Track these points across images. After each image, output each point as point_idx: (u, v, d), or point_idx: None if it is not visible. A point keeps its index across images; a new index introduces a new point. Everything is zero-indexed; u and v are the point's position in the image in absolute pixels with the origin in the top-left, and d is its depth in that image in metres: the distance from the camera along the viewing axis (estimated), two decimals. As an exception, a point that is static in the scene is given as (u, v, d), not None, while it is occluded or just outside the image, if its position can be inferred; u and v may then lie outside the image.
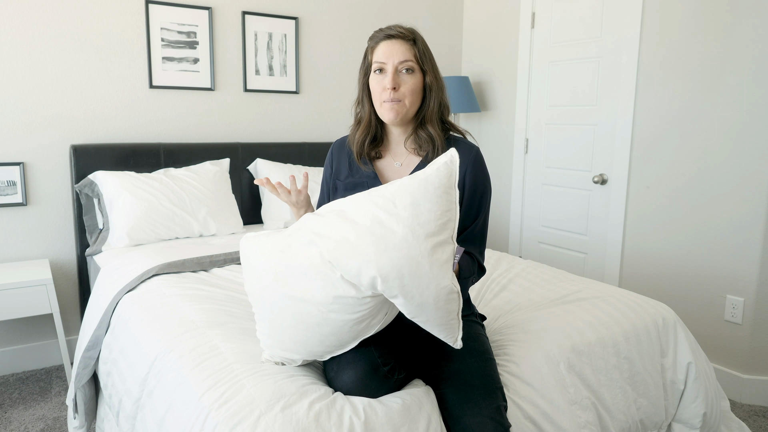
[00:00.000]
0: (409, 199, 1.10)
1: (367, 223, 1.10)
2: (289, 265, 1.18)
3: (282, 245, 1.21)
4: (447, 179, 1.11)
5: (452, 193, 1.12)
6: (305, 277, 1.16)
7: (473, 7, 3.70)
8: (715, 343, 2.54)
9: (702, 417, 1.69)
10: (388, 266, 1.06)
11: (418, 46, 1.39)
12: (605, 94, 2.92)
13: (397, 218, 1.08)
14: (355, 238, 1.09)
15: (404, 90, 1.37)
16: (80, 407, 1.86)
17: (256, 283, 1.25)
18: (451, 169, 1.12)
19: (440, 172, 1.11)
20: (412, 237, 1.07)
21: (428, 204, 1.09)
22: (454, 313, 1.12)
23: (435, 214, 1.09)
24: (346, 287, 1.12)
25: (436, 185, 1.10)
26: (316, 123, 3.31)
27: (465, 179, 1.41)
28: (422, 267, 1.06)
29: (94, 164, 2.60)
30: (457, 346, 1.15)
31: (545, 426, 1.36)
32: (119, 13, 2.69)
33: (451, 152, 1.14)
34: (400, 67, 1.37)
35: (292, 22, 3.15)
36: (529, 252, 3.44)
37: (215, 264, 2.13)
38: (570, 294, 1.88)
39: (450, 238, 1.11)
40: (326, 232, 1.14)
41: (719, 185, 2.47)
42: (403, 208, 1.09)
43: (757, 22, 2.30)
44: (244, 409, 1.14)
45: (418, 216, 1.08)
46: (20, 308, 2.30)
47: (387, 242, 1.07)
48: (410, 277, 1.06)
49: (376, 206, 1.12)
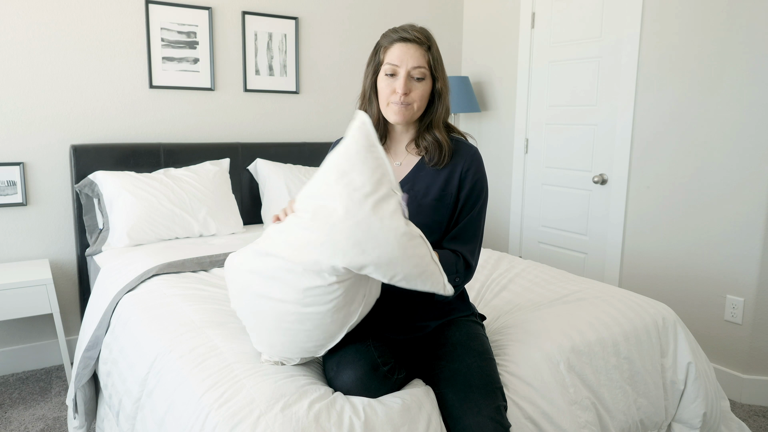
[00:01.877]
0: (337, 172, 1.14)
1: (309, 214, 1.14)
2: (259, 272, 1.22)
3: (251, 255, 1.26)
4: (365, 140, 1.15)
5: (375, 150, 1.15)
6: (274, 279, 1.19)
7: (473, 7, 3.70)
8: (715, 343, 2.54)
9: (702, 417, 1.69)
10: (342, 242, 1.09)
11: (433, 53, 1.38)
12: (605, 94, 2.92)
13: (333, 195, 1.12)
14: (305, 233, 1.13)
15: (414, 95, 1.37)
16: (80, 407, 1.86)
17: (237, 294, 1.30)
18: (365, 129, 1.16)
19: (357, 137, 1.15)
20: (352, 204, 1.09)
21: (356, 169, 1.12)
22: (426, 258, 1.13)
23: (366, 175, 1.12)
24: (311, 277, 1.15)
25: (357, 150, 1.14)
26: (316, 123, 3.31)
27: (464, 177, 1.41)
28: (373, 225, 1.09)
29: (94, 164, 2.60)
30: (447, 292, 1.16)
31: (545, 426, 1.36)
32: (119, 13, 2.69)
33: (359, 115, 1.18)
34: (413, 72, 1.36)
35: (292, 22, 3.15)
36: (529, 252, 3.44)
37: (215, 264, 2.13)
38: (570, 294, 1.88)
39: (390, 191, 1.13)
40: (280, 237, 1.18)
41: (719, 185, 2.47)
42: (335, 183, 1.13)
43: (757, 22, 2.30)
44: (244, 409, 1.14)
45: (351, 183, 1.12)
46: (20, 308, 2.30)
47: (333, 222, 1.10)
48: (366, 240, 1.09)
49: (313, 196, 1.16)
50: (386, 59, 1.38)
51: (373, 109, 1.44)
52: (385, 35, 1.41)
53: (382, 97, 1.40)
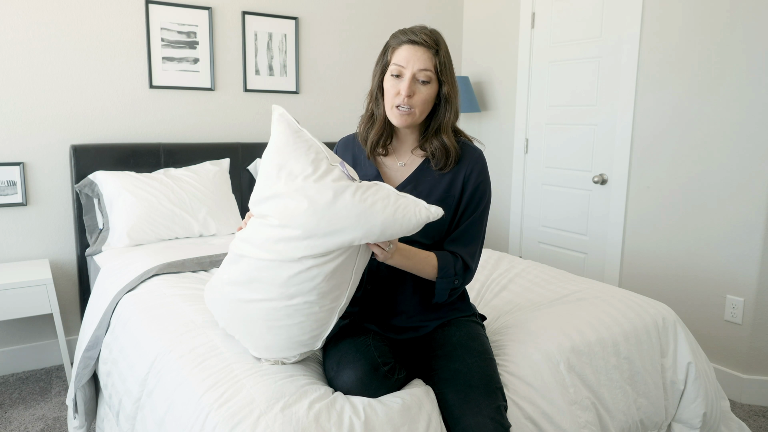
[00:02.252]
0: (276, 167, 1.20)
1: (274, 215, 1.18)
2: (237, 279, 1.25)
3: (224, 268, 1.30)
4: (287, 128, 1.21)
5: (302, 134, 1.21)
6: (253, 280, 1.22)
7: (473, 7, 3.70)
8: (715, 343, 2.54)
9: (702, 417, 1.69)
10: (313, 227, 1.14)
11: (440, 57, 1.36)
12: (605, 94, 2.92)
13: (282, 190, 1.17)
14: (276, 230, 1.17)
15: (417, 99, 1.35)
16: (80, 407, 1.86)
17: (222, 311, 1.33)
18: (285, 118, 1.22)
19: (280, 129, 1.21)
20: (301, 190, 1.15)
21: (291, 158, 1.19)
22: (392, 196, 1.18)
23: (302, 159, 1.18)
24: (288, 266, 1.18)
25: (284, 141, 1.20)
26: (316, 123, 3.31)
27: (468, 179, 1.41)
28: (327, 201, 1.14)
29: (94, 164, 2.60)
30: (434, 213, 1.18)
31: (545, 426, 1.36)
32: (119, 13, 2.69)
33: (276, 109, 1.24)
34: (418, 75, 1.34)
35: (292, 22, 3.15)
36: (529, 252, 3.44)
37: (215, 264, 2.13)
38: (570, 294, 1.88)
39: (328, 165, 1.19)
40: (250, 239, 1.23)
41: (719, 185, 2.47)
42: (277, 178, 1.19)
43: (757, 23, 2.30)
44: (244, 409, 1.14)
45: (292, 173, 1.18)
46: (20, 308, 2.30)
47: (296, 218, 1.15)
48: (331, 218, 1.14)
49: (265, 198, 1.21)
50: (393, 60, 1.37)
51: (379, 109, 1.43)
52: (395, 36, 1.39)
53: (387, 98, 1.39)
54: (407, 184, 1.43)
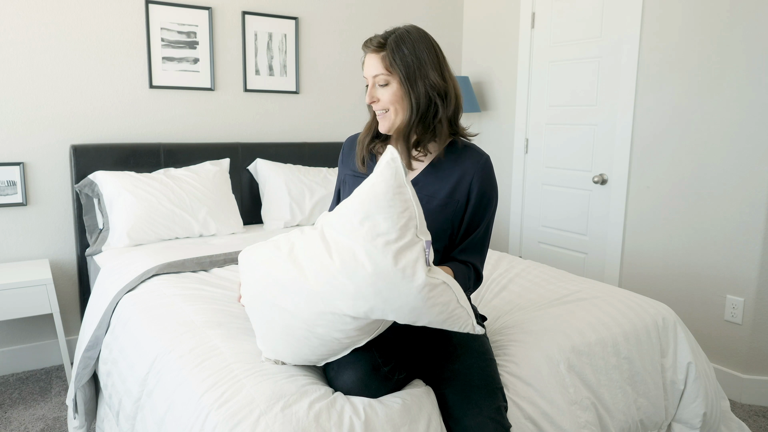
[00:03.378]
0: (362, 213, 1.10)
1: (338, 256, 1.11)
2: (277, 277, 1.20)
3: (269, 256, 1.23)
4: (393, 179, 1.10)
5: (404, 191, 1.10)
6: (289, 291, 1.18)
7: (473, 7, 3.70)
8: (715, 343, 2.54)
9: (702, 417, 1.69)
10: (364, 290, 1.08)
11: (388, 54, 1.33)
12: (605, 94, 2.92)
13: (358, 238, 1.09)
14: (331, 271, 1.11)
15: (384, 101, 1.37)
16: (80, 407, 1.86)
17: (250, 291, 1.28)
18: (394, 167, 1.11)
19: (385, 176, 1.10)
20: (375, 252, 1.07)
21: (383, 212, 1.09)
22: (452, 304, 1.11)
23: (392, 220, 1.08)
24: (327, 305, 1.14)
25: (384, 191, 1.09)
26: (316, 123, 3.31)
27: (471, 186, 1.40)
28: (395, 279, 1.06)
29: (94, 164, 2.60)
30: (478, 332, 1.15)
31: (545, 426, 1.36)
32: (119, 13, 2.69)
33: (389, 151, 1.13)
34: (375, 81, 1.36)
35: (292, 22, 3.15)
36: (529, 252, 3.44)
37: (215, 264, 2.13)
38: (570, 294, 1.88)
39: (414, 236, 1.10)
40: (305, 257, 1.16)
41: (719, 185, 2.47)
42: (360, 225, 1.10)
43: (757, 22, 2.30)
44: (244, 409, 1.14)
45: (376, 227, 1.08)
46: (20, 308, 2.30)
47: (359, 273, 1.08)
48: (388, 292, 1.07)
49: (340, 232, 1.13)
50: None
51: (372, 117, 1.48)
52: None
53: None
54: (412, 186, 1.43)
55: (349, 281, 1.09)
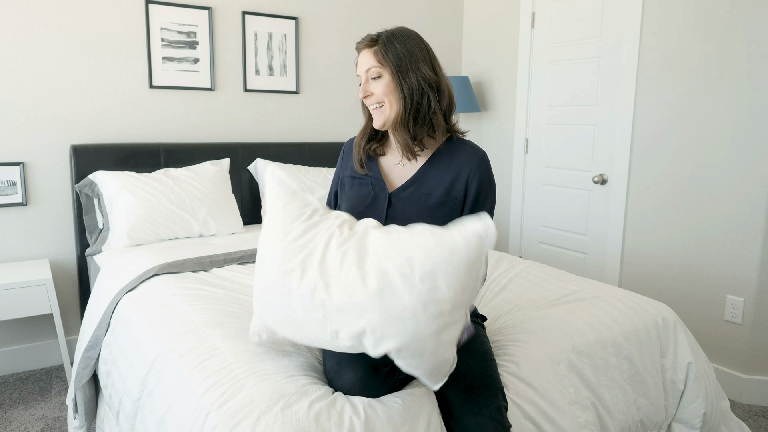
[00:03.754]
0: (429, 267, 1.01)
1: (377, 284, 1.04)
2: (291, 288, 1.15)
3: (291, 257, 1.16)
4: (477, 254, 1.02)
5: (479, 267, 1.03)
6: (306, 297, 1.14)
7: (473, 7, 3.70)
8: (715, 343, 2.54)
9: (702, 417, 1.69)
10: (392, 339, 1.04)
11: (380, 48, 1.37)
12: (605, 94, 2.92)
13: (411, 288, 1.01)
14: (363, 298, 1.05)
15: (377, 94, 1.39)
16: (80, 407, 1.86)
17: (261, 268, 1.23)
18: (483, 243, 1.02)
19: (470, 246, 1.01)
20: (423, 314, 1.01)
21: (449, 280, 1.00)
22: (448, 364, 1.11)
23: (454, 291, 1.01)
24: (342, 325, 1.11)
25: (463, 260, 1.00)
26: (316, 123, 3.31)
27: (469, 181, 1.40)
28: (427, 345, 1.03)
29: (94, 164, 2.60)
30: (434, 389, 1.14)
31: (545, 426, 1.36)
32: (119, 13, 2.69)
33: (485, 224, 1.04)
34: (369, 75, 1.39)
35: (292, 22, 3.15)
36: (529, 252, 3.44)
37: (215, 264, 2.13)
38: (570, 294, 1.88)
39: (463, 315, 1.05)
40: (335, 276, 1.09)
41: (719, 185, 2.47)
42: (420, 279, 1.01)
43: (757, 22, 2.30)
44: (244, 409, 1.14)
45: (435, 291, 1.00)
46: (20, 308, 2.30)
47: (395, 313, 1.02)
48: (413, 350, 1.05)
49: (393, 264, 1.04)
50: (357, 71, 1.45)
51: (365, 118, 1.50)
52: None
53: (368, 107, 1.46)
54: (409, 185, 1.43)
55: (383, 321, 1.04)
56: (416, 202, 1.40)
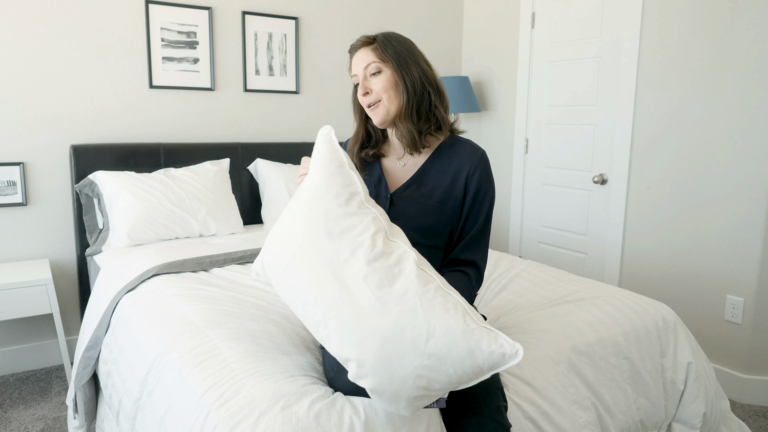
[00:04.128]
0: (442, 352, 1.01)
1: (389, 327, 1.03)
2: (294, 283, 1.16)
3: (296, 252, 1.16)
4: (490, 368, 1.01)
5: (485, 376, 1.03)
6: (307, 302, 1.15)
7: (473, 7, 3.70)
8: (715, 343, 2.54)
9: (702, 417, 1.69)
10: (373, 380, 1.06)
11: (379, 45, 1.38)
12: (605, 94, 2.92)
13: (415, 357, 1.02)
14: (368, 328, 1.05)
15: (377, 90, 1.38)
16: (80, 407, 1.86)
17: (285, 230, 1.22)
18: (503, 362, 1.01)
19: (491, 359, 1.00)
20: (412, 383, 1.03)
21: (452, 371, 1.01)
22: (408, 412, 1.10)
23: (449, 381, 1.02)
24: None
25: (476, 366, 1.01)
26: (316, 123, 3.31)
27: (468, 180, 1.40)
28: (400, 402, 1.06)
29: (94, 164, 2.60)
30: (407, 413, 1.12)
31: (545, 426, 1.36)
32: (119, 13, 2.69)
33: (514, 347, 1.02)
34: (367, 72, 1.39)
35: (292, 22, 3.15)
36: (529, 252, 3.44)
37: (215, 264, 2.13)
38: (570, 294, 1.88)
39: (445, 394, 1.08)
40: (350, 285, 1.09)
41: (719, 185, 2.47)
42: (428, 355, 1.02)
43: (757, 22, 2.30)
44: (244, 409, 1.14)
45: (434, 372, 1.02)
46: (20, 308, 2.30)
47: (389, 366, 1.03)
48: (386, 398, 1.07)
49: (412, 325, 1.03)
50: (351, 74, 1.44)
51: (357, 122, 1.49)
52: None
53: (363, 107, 1.45)
54: (410, 185, 1.43)
55: (374, 355, 1.04)
56: (417, 201, 1.40)
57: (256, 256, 2.21)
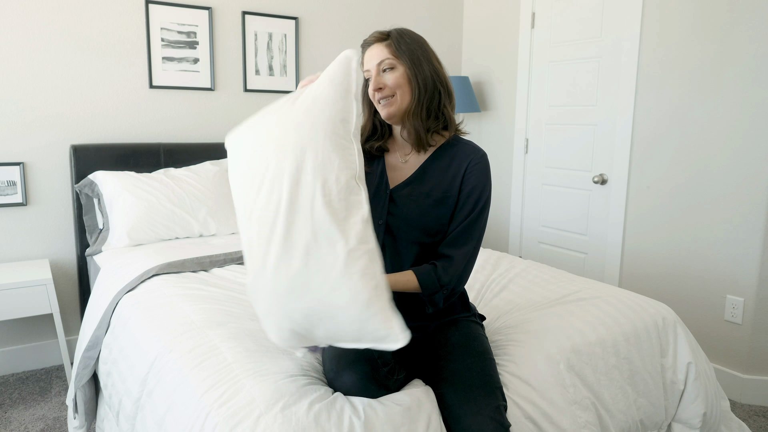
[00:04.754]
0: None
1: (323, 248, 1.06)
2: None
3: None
4: (344, 76, 1.14)
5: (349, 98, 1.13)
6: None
7: (473, 7, 3.70)
8: (715, 343, 2.54)
9: (702, 417, 1.69)
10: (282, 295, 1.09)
11: (393, 42, 1.39)
12: (605, 94, 2.92)
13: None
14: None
15: (390, 85, 1.38)
16: (80, 407, 1.86)
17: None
18: (349, 58, 1.16)
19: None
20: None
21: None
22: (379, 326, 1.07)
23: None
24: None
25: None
26: (316, 123, 3.31)
27: (465, 179, 1.40)
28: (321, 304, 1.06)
29: (94, 164, 2.60)
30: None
31: (545, 426, 1.36)
32: (119, 13, 2.69)
33: (347, 53, 1.16)
34: (380, 68, 1.39)
35: (292, 22, 3.15)
36: (529, 252, 3.44)
37: (215, 264, 2.13)
38: (570, 294, 1.88)
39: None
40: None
41: (719, 185, 2.47)
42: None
43: (757, 22, 2.30)
44: (244, 409, 1.14)
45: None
46: (20, 308, 2.30)
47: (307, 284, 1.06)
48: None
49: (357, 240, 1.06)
50: (363, 69, 1.43)
51: (365, 118, 1.48)
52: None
53: (373, 102, 1.44)
54: (410, 182, 1.43)
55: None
56: (415, 200, 1.40)
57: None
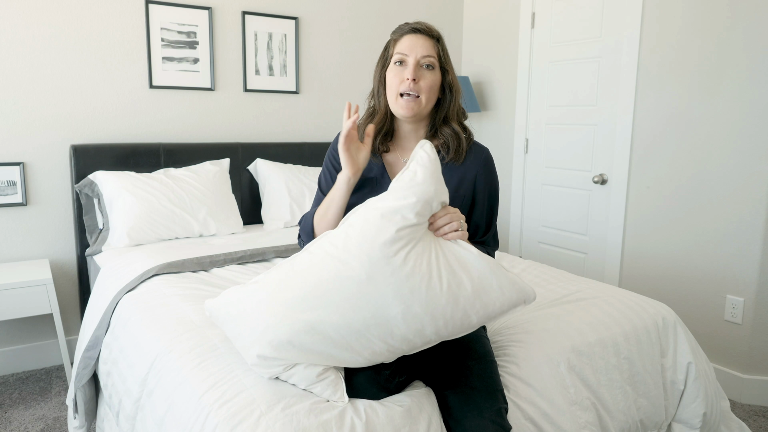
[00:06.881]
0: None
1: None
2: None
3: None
4: (433, 175, 1.15)
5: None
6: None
7: (473, 7, 3.70)
8: (715, 343, 2.54)
9: (702, 417, 1.69)
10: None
11: (441, 45, 1.40)
12: (605, 94, 2.92)
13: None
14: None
15: (423, 84, 1.35)
16: (80, 407, 1.86)
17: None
18: (433, 155, 1.18)
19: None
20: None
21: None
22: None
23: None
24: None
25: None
26: (316, 123, 3.31)
27: (477, 181, 1.41)
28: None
29: (94, 164, 2.60)
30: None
31: (545, 426, 1.36)
32: (119, 13, 2.69)
33: (428, 147, 1.19)
34: (422, 61, 1.36)
35: (292, 22, 3.15)
36: (529, 252, 3.44)
37: (215, 264, 2.13)
38: (570, 294, 1.88)
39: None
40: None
41: (719, 185, 2.47)
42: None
43: (757, 22, 2.30)
44: (245, 409, 1.14)
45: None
46: (20, 308, 2.30)
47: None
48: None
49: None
50: (396, 50, 1.38)
51: (380, 103, 1.43)
52: (396, 29, 1.42)
53: (390, 89, 1.38)
54: None
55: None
56: None
57: (257, 255, 2.21)
